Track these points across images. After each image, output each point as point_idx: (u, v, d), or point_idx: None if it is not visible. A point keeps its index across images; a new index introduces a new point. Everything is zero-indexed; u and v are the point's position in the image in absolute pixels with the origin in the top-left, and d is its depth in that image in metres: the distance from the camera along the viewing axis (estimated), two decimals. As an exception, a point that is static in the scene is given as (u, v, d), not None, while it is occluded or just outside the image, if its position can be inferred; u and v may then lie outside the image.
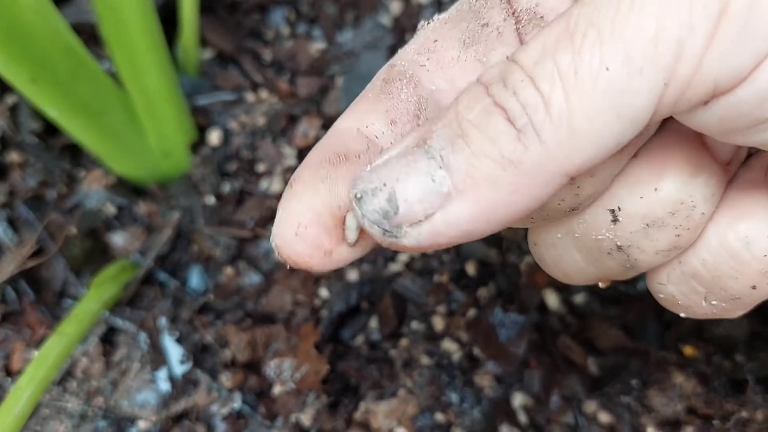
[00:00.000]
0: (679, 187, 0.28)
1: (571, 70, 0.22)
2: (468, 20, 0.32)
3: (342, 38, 0.69)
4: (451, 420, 0.53)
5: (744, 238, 0.28)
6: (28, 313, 0.59)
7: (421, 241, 0.24)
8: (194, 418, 0.54)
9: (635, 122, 0.22)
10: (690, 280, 0.31)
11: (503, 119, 0.23)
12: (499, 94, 0.23)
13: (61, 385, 0.56)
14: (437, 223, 0.24)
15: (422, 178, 0.24)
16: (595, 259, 0.32)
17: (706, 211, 0.29)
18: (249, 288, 0.59)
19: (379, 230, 0.25)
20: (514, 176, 0.23)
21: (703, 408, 0.52)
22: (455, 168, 0.23)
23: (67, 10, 0.65)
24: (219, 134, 0.64)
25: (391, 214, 0.24)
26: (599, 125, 0.22)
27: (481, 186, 0.23)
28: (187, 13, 0.61)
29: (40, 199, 0.62)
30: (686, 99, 0.22)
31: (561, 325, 0.57)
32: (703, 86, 0.22)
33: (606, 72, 0.21)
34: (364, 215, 0.25)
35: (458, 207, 0.23)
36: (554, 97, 0.22)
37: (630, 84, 0.21)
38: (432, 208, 0.24)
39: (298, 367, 0.55)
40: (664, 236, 0.29)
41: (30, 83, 0.50)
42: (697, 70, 0.21)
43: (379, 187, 0.24)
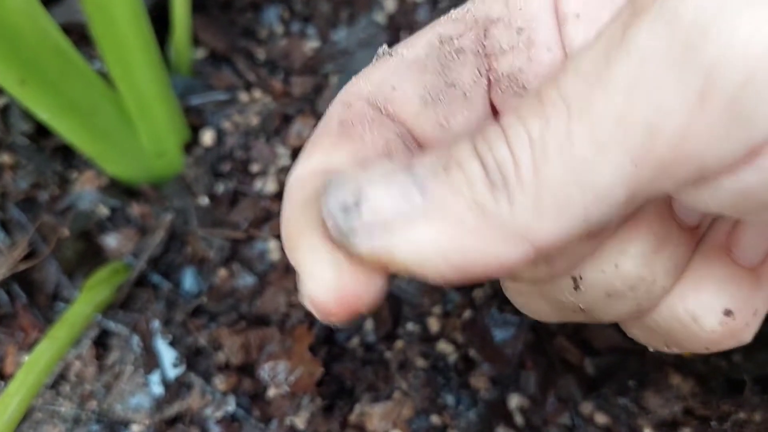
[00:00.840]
0: (639, 265, 0.28)
1: (539, 138, 0.21)
2: (433, 72, 0.30)
3: (336, 36, 0.69)
4: (447, 422, 0.53)
5: (692, 313, 0.28)
6: (21, 316, 0.58)
7: (376, 252, 0.23)
8: (188, 421, 0.54)
9: (604, 201, 0.21)
10: (648, 332, 0.31)
11: (480, 168, 0.22)
12: (480, 144, 0.23)
13: (54, 388, 0.56)
14: (395, 238, 0.23)
15: (395, 191, 0.23)
16: (560, 312, 0.32)
17: (666, 285, 0.28)
18: (243, 290, 0.58)
19: (334, 224, 0.23)
20: (480, 223, 0.22)
21: (700, 409, 0.51)
22: (430, 195, 0.23)
23: (56, 10, 0.64)
24: (212, 134, 0.63)
25: (351, 210, 0.23)
26: (565, 199, 0.21)
27: (449, 220, 0.22)
28: (179, 12, 0.61)
29: (32, 201, 0.62)
30: (668, 178, 0.21)
31: (557, 325, 0.56)
32: (685, 168, 0.20)
33: (572, 146, 0.21)
34: (326, 203, 0.23)
35: (421, 230, 0.22)
36: (523, 162, 0.22)
37: (595, 161, 0.21)
38: (393, 223, 0.23)
39: (292, 369, 0.54)
40: (625, 304, 0.29)
41: (19, 85, 0.49)
42: (674, 152, 0.20)
43: (350, 181, 0.23)
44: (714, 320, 0.28)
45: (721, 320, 0.28)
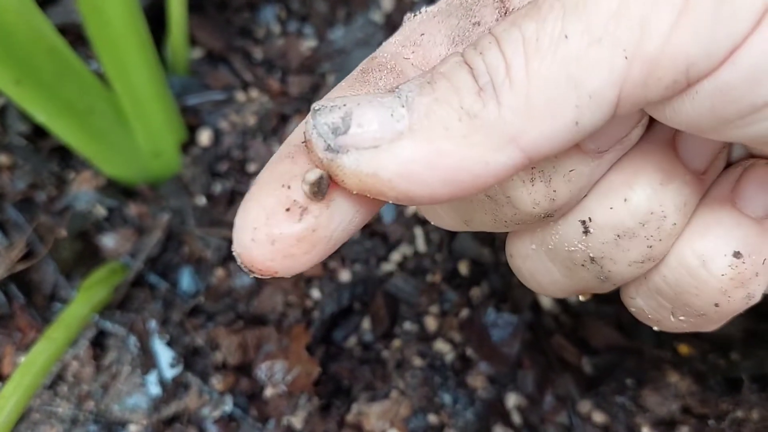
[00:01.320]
0: (649, 196, 0.28)
1: (533, 37, 0.22)
2: (458, 17, 0.31)
3: (333, 35, 0.68)
4: (444, 421, 0.53)
5: (701, 256, 0.28)
6: (19, 316, 0.58)
7: (362, 167, 0.23)
8: (185, 421, 0.54)
9: (595, 100, 0.22)
10: (656, 296, 0.30)
11: (469, 75, 0.23)
12: (469, 53, 0.24)
13: (51, 389, 0.56)
14: (382, 154, 0.23)
15: (382, 110, 0.23)
16: (569, 270, 0.31)
17: (677, 222, 0.28)
18: (240, 289, 0.58)
19: (324, 144, 0.24)
20: (467, 128, 0.23)
21: (699, 407, 0.51)
22: (416, 108, 0.23)
23: (53, 11, 0.64)
24: (209, 134, 0.63)
25: (340, 131, 0.23)
26: (557, 96, 0.22)
27: (435, 129, 0.23)
28: (176, 11, 0.61)
29: (29, 201, 0.62)
30: (656, 79, 0.21)
31: (555, 324, 0.56)
32: (672, 65, 0.21)
33: (565, 40, 0.21)
34: (314, 126, 0.24)
35: (407, 144, 0.23)
36: (515, 62, 0.22)
37: (588, 54, 0.21)
38: (382, 139, 0.23)
39: (289, 369, 0.54)
40: (636, 247, 0.29)
41: (14, 85, 0.49)
42: (664, 48, 0.21)
43: (338, 105, 0.24)
44: (723, 263, 0.28)
45: (731, 262, 0.28)
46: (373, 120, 0.23)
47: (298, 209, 0.24)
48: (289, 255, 0.25)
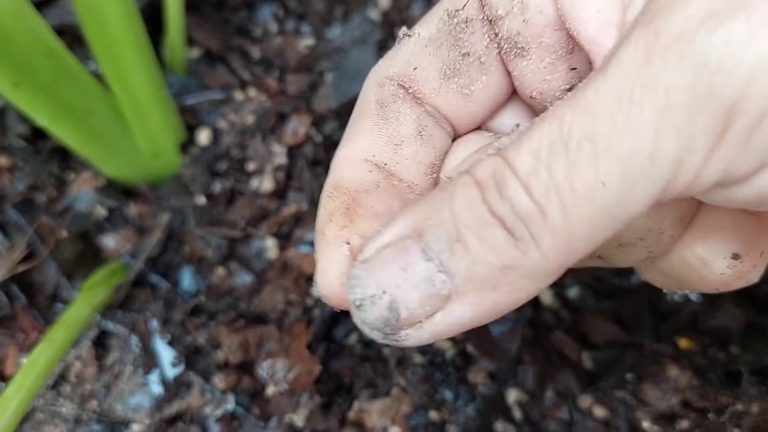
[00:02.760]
0: (646, 217, 0.28)
1: (567, 183, 0.22)
2: (448, 47, 0.31)
3: (331, 34, 0.68)
4: (446, 418, 0.53)
5: (701, 259, 0.29)
6: (21, 317, 0.58)
7: (423, 341, 0.25)
8: (188, 420, 0.54)
9: (632, 218, 0.22)
10: (662, 276, 0.32)
11: (502, 230, 0.23)
12: (496, 204, 0.23)
13: (54, 389, 0.56)
14: (438, 323, 0.24)
15: (423, 283, 0.24)
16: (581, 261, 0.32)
17: (674, 234, 0.29)
18: (241, 288, 0.58)
19: (380, 335, 0.25)
20: (513, 280, 0.23)
21: (698, 401, 0.51)
22: (455, 273, 0.23)
23: (49, 12, 0.64)
24: (208, 133, 0.63)
25: (392, 322, 0.24)
26: (596, 231, 0.22)
27: (482, 289, 0.23)
28: (173, 11, 0.61)
29: (29, 202, 0.62)
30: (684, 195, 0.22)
31: (554, 320, 0.56)
32: (703, 188, 0.22)
33: (602, 187, 0.21)
34: (364, 322, 0.25)
35: (459, 308, 0.24)
36: (551, 210, 0.22)
37: (627, 197, 0.21)
38: (432, 310, 0.24)
39: (291, 367, 0.54)
40: (637, 252, 0.30)
41: (13, 88, 0.49)
42: (696, 179, 0.21)
43: (378, 294, 0.24)
44: (723, 264, 0.29)
45: (730, 264, 0.29)
46: (417, 299, 0.24)
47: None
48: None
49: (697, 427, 0.51)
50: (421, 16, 0.67)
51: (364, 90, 0.33)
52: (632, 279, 0.57)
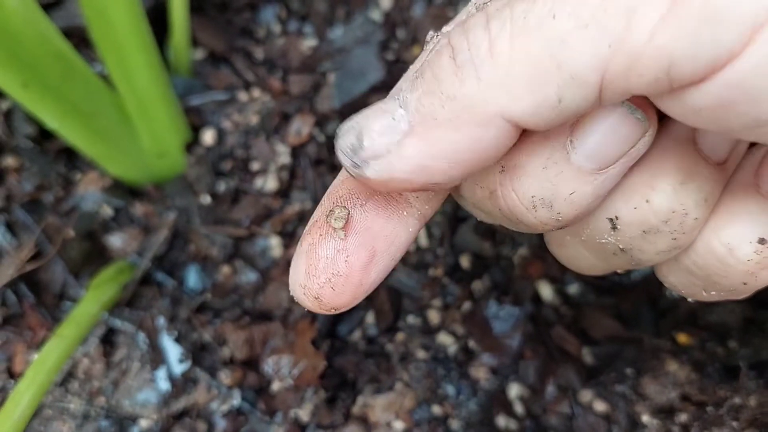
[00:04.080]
0: (669, 197, 0.28)
1: (521, 15, 0.22)
2: None
3: (333, 34, 0.69)
4: (448, 412, 0.54)
5: (727, 245, 0.29)
6: (29, 315, 0.59)
7: (381, 174, 0.26)
8: (195, 415, 0.55)
9: (577, 80, 0.22)
10: (687, 275, 0.31)
11: (448, 57, 0.24)
12: (455, 34, 0.24)
13: (63, 386, 0.57)
14: (393, 158, 0.25)
15: (385, 117, 0.25)
16: (603, 257, 0.33)
17: (699, 216, 0.29)
18: (246, 286, 0.59)
19: (350, 163, 0.26)
20: (451, 112, 0.24)
21: (697, 395, 0.52)
22: (409, 105, 0.25)
23: (56, 14, 0.65)
24: (213, 134, 0.64)
25: (357, 149, 0.26)
26: (539, 73, 0.22)
27: (427, 122, 0.24)
28: (177, 13, 0.62)
29: (37, 202, 0.63)
30: (638, 74, 0.22)
31: (555, 315, 0.57)
32: (654, 62, 0.21)
33: (552, 20, 0.22)
34: (339, 149, 0.26)
35: (410, 143, 0.25)
36: (500, 38, 0.22)
37: (573, 36, 0.21)
38: (392, 144, 0.25)
39: (295, 363, 0.55)
40: (662, 240, 0.29)
41: (22, 89, 0.50)
42: (646, 43, 0.21)
43: (353, 125, 0.26)
44: (749, 249, 0.28)
45: (756, 249, 0.28)
46: (380, 129, 0.25)
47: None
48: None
49: (695, 421, 0.52)
50: (422, 17, 0.68)
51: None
52: (632, 275, 0.58)
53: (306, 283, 0.29)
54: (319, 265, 0.29)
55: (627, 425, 0.53)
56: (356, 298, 0.29)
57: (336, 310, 0.30)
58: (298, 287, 0.29)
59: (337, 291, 0.29)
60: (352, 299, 0.29)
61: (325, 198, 0.31)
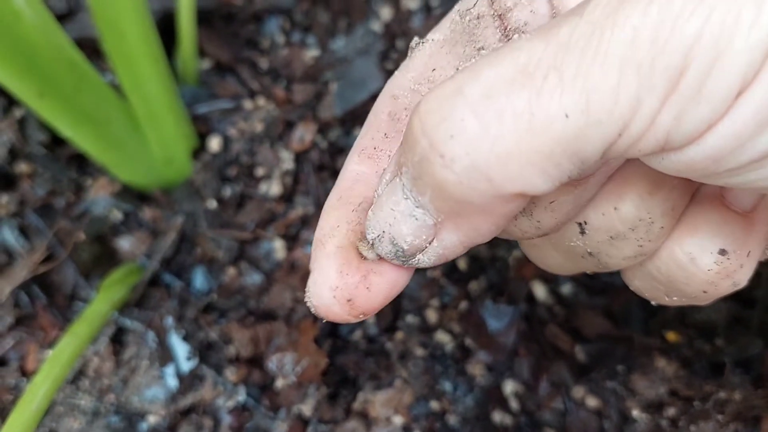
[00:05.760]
0: (637, 206, 0.29)
1: (527, 111, 0.22)
2: (463, 44, 0.32)
3: (335, 45, 0.72)
4: (446, 407, 0.56)
5: (689, 254, 0.30)
6: (41, 316, 0.61)
7: (435, 261, 0.27)
8: (201, 411, 0.57)
9: (585, 163, 0.23)
10: (651, 281, 0.32)
11: (441, 167, 0.23)
12: (438, 137, 0.23)
13: (74, 383, 0.59)
14: (437, 248, 0.26)
15: (408, 219, 0.26)
16: (571, 259, 0.34)
17: (665, 225, 0.30)
18: (251, 287, 0.61)
19: (399, 262, 0.28)
20: (472, 209, 0.24)
21: (685, 390, 0.54)
22: (426, 206, 0.25)
23: (69, 26, 0.67)
24: (219, 141, 0.66)
25: (400, 253, 0.27)
26: (551, 165, 0.22)
27: (454, 217, 0.25)
28: (185, 25, 0.64)
29: (49, 207, 0.65)
30: (636, 150, 0.23)
31: (549, 314, 0.59)
32: (654, 141, 0.22)
33: (565, 119, 0.21)
34: (383, 255, 0.28)
35: (447, 234, 0.26)
36: (504, 136, 0.22)
37: (586, 132, 0.22)
38: (429, 237, 0.26)
39: (298, 361, 0.57)
40: (628, 246, 0.30)
41: (37, 98, 0.52)
42: (650, 127, 0.21)
43: (380, 234, 0.27)
44: (710, 260, 0.29)
45: (717, 259, 0.29)
46: (410, 232, 0.26)
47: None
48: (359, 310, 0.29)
49: (683, 415, 0.54)
50: (421, 28, 0.70)
51: (378, 102, 0.33)
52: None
53: (339, 283, 0.28)
54: (353, 263, 0.28)
55: (618, 420, 0.55)
56: (387, 299, 0.29)
57: (364, 316, 0.29)
58: (327, 290, 0.28)
59: (373, 291, 0.28)
60: (384, 300, 0.29)
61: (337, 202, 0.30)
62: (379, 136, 0.32)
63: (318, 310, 0.28)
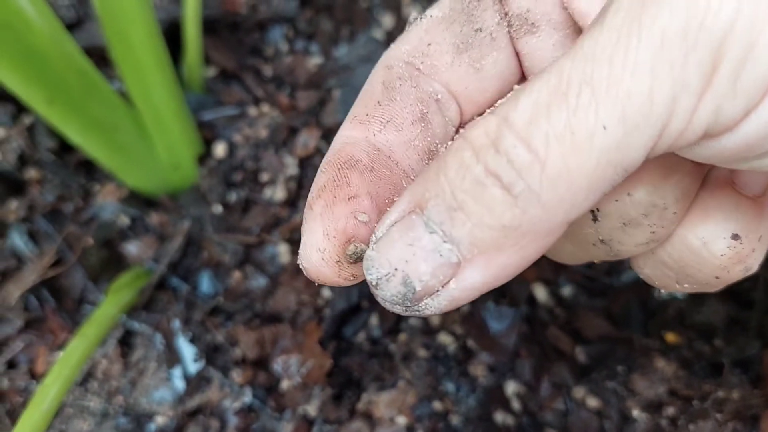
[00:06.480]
0: (650, 191, 0.29)
1: (567, 131, 0.21)
2: (461, 23, 0.33)
3: (338, 53, 0.73)
4: (449, 408, 0.57)
5: (702, 239, 0.30)
6: (50, 319, 0.62)
7: (443, 309, 0.25)
8: (208, 412, 0.58)
9: (629, 169, 0.23)
10: (661, 267, 0.33)
11: (499, 189, 0.23)
12: (492, 161, 0.23)
13: (83, 385, 0.60)
14: (453, 290, 0.24)
15: (430, 255, 0.24)
16: (583, 247, 0.34)
17: (678, 210, 0.30)
18: (256, 290, 0.62)
19: (402, 310, 0.26)
20: (518, 239, 0.23)
21: (684, 390, 0.55)
22: (460, 241, 0.24)
23: (78, 35, 0.68)
24: (224, 147, 0.67)
25: (409, 296, 0.25)
26: (597, 179, 0.22)
27: (489, 253, 0.24)
28: (191, 33, 0.65)
29: (58, 212, 0.66)
30: (676, 147, 0.23)
31: (549, 316, 0.60)
32: (693, 135, 0.22)
33: (603, 131, 0.21)
34: (384, 299, 0.25)
35: (470, 273, 0.24)
36: (551, 158, 0.22)
37: (627, 140, 0.21)
38: (446, 279, 0.24)
39: (303, 362, 0.58)
40: (641, 232, 0.31)
41: (47, 104, 0.53)
42: (689, 123, 0.22)
43: (391, 272, 0.25)
44: (723, 245, 0.29)
45: (730, 244, 0.29)
46: (429, 269, 0.24)
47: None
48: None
49: (682, 414, 0.54)
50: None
51: (373, 72, 0.33)
52: (623, 278, 0.61)
53: (325, 245, 0.27)
54: (338, 225, 0.27)
55: (618, 419, 0.56)
56: None
57: (354, 278, 0.28)
58: (316, 253, 0.27)
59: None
60: None
61: (326, 165, 0.30)
62: (371, 104, 0.32)
63: (309, 273, 0.28)
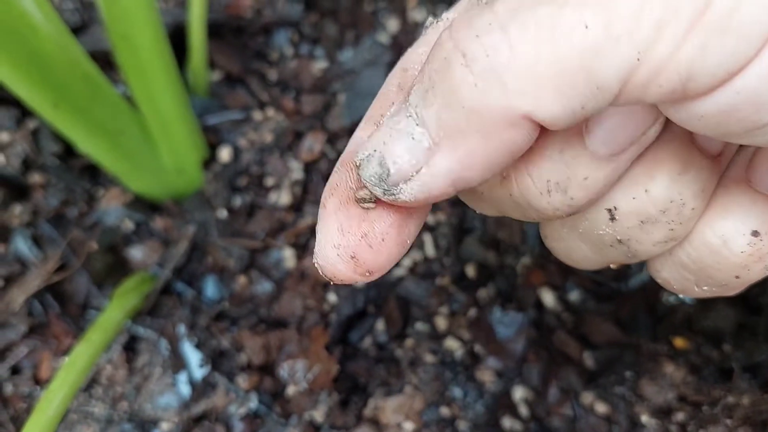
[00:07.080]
0: (667, 186, 0.29)
1: (548, 21, 0.21)
2: None
3: (343, 57, 0.73)
4: (456, 414, 0.56)
5: (721, 236, 0.29)
6: (54, 324, 0.62)
7: (416, 196, 0.25)
8: (213, 418, 0.57)
9: (602, 91, 0.22)
10: (680, 269, 0.32)
11: (462, 65, 0.22)
12: (463, 36, 0.22)
13: (87, 391, 0.59)
14: (425, 177, 0.25)
15: (404, 138, 0.25)
16: (599, 250, 0.33)
17: (696, 207, 0.29)
18: (261, 295, 0.62)
19: (380, 191, 0.26)
20: (478, 124, 0.23)
21: (693, 395, 0.55)
22: (428, 123, 0.24)
23: (83, 39, 0.68)
24: (229, 151, 0.67)
25: (385, 177, 0.25)
26: (566, 82, 0.22)
27: (453, 136, 0.23)
28: (196, 37, 0.65)
29: (62, 217, 0.66)
30: (657, 84, 0.22)
31: (557, 321, 0.60)
32: (675, 74, 0.21)
33: (584, 30, 0.21)
34: (365, 180, 0.26)
35: (439, 159, 0.24)
36: (524, 43, 0.21)
37: (605, 48, 0.21)
38: (419, 163, 0.24)
39: (310, 368, 0.58)
40: (659, 231, 0.30)
41: (52, 108, 0.53)
42: (672, 56, 0.21)
43: (371, 153, 0.25)
44: (743, 242, 0.29)
45: (750, 241, 0.29)
46: (403, 152, 0.25)
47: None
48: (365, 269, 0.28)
49: (692, 420, 0.54)
50: (428, 40, 0.71)
51: (390, 76, 0.33)
52: (630, 282, 0.60)
53: (341, 241, 0.27)
54: (353, 222, 0.27)
55: (627, 425, 0.55)
56: (391, 257, 0.28)
57: (370, 274, 0.28)
58: (331, 249, 0.27)
59: (375, 249, 0.27)
60: (388, 257, 0.28)
61: (339, 165, 0.29)
62: (386, 105, 0.31)
63: (324, 271, 0.28)
